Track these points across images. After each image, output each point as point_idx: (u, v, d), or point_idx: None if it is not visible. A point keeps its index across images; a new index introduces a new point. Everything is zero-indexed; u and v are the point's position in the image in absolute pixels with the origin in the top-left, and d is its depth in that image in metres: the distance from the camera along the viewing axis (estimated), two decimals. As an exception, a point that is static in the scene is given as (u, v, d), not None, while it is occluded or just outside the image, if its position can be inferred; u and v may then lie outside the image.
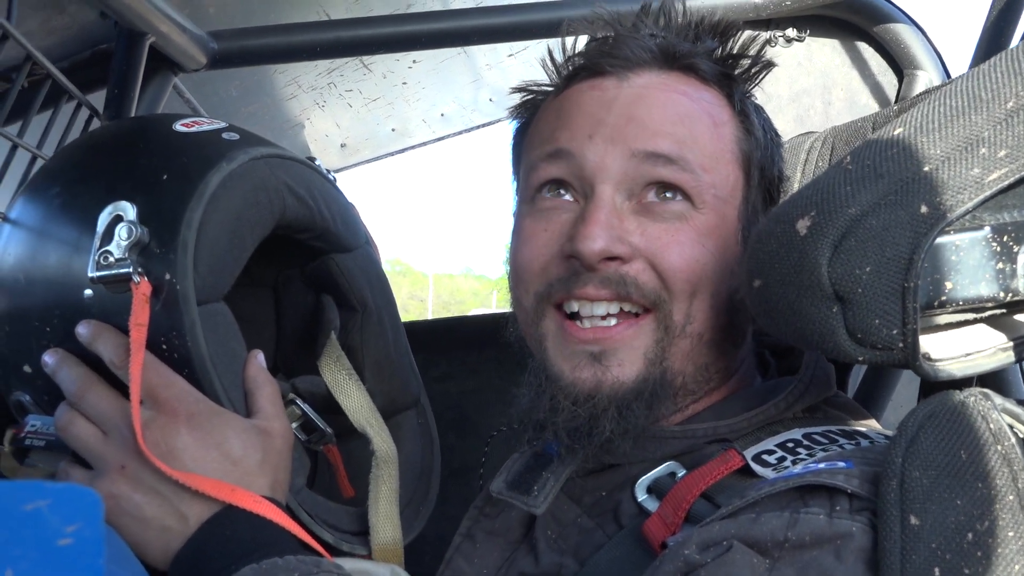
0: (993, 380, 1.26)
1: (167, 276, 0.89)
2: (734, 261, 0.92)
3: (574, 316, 0.92)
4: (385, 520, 1.08)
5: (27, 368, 0.95)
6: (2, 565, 0.41)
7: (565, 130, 0.93)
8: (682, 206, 0.90)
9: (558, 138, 0.93)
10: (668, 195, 0.90)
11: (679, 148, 0.89)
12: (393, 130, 2.45)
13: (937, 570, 0.64)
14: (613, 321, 0.90)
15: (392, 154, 2.57)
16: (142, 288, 0.88)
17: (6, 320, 0.97)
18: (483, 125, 2.52)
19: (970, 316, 0.76)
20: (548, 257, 0.92)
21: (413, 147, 2.56)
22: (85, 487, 0.42)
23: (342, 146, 2.46)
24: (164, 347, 0.91)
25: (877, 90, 1.70)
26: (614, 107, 0.91)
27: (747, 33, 1.01)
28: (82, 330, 0.90)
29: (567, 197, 0.93)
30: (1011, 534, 0.65)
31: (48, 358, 0.92)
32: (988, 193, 0.70)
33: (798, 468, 0.79)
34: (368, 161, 2.58)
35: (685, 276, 0.89)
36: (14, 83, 1.13)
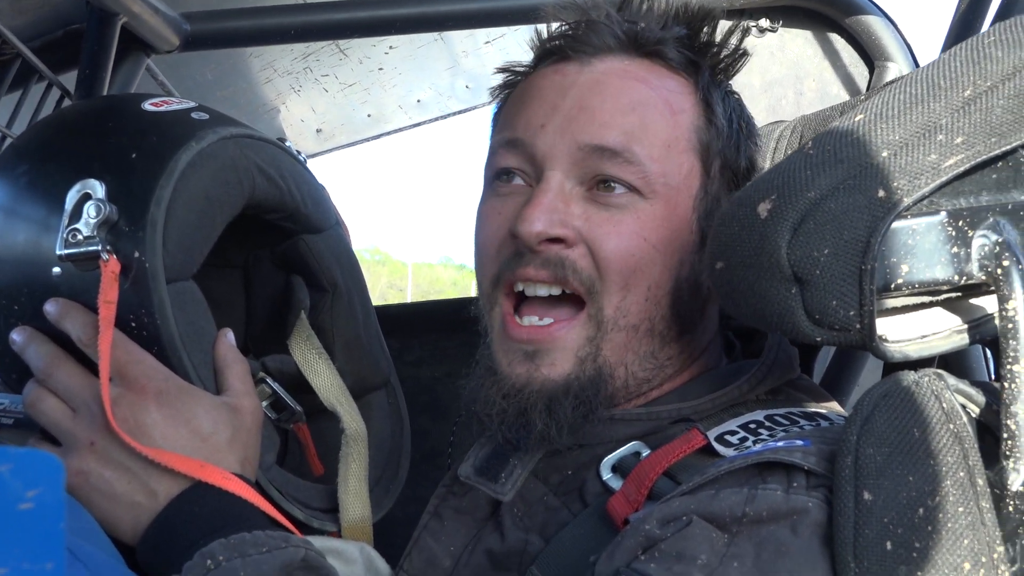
0: (956, 362, 1.28)
1: (136, 254, 0.89)
2: (685, 250, 0.93)
3: (519, 308, 0.95)
4: (355, 498, 1.08)
5: None
6: (-37, 528, 0.42)
7: (522, 117, 0.95)
8: (627, 197, 0.91)
9: (515, 125, 0.95)
10: (613, 187, 0.91)
11: (626, 140, 0.90)
12: (369, 116, 2.45)
13: (889, 543, 0.66)
14: (549, 320, 0.92)
15: (368, 139, 2.57)
16: (111, 266, 0.88)
17: None
18: (459, 112, 2.53)
19: (926, 299, 0.77)
20: (500, 240, 0.94)
21: (389, 133, 2.56)
22: (46, 452, 0.42)
23: (318, 131, 2.46)
24: (133, 324, 0.91)
25: (848, 81, 1.72)
26: (570, 93, 0.93)
27: (723, 23, 1.02)
28: (50, 308, 0.90)
29: (520, 182, 0.95)
30: (960, 509, 0.67)
31: (16, 336, 0.91)
32: (944, 179, 0.72)
33: (757, 447, 0.81)
34: (344, 147, 2.58)
35: (618, 267, 0.90)
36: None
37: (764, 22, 1.73)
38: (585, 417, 0.91)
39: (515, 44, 2.20)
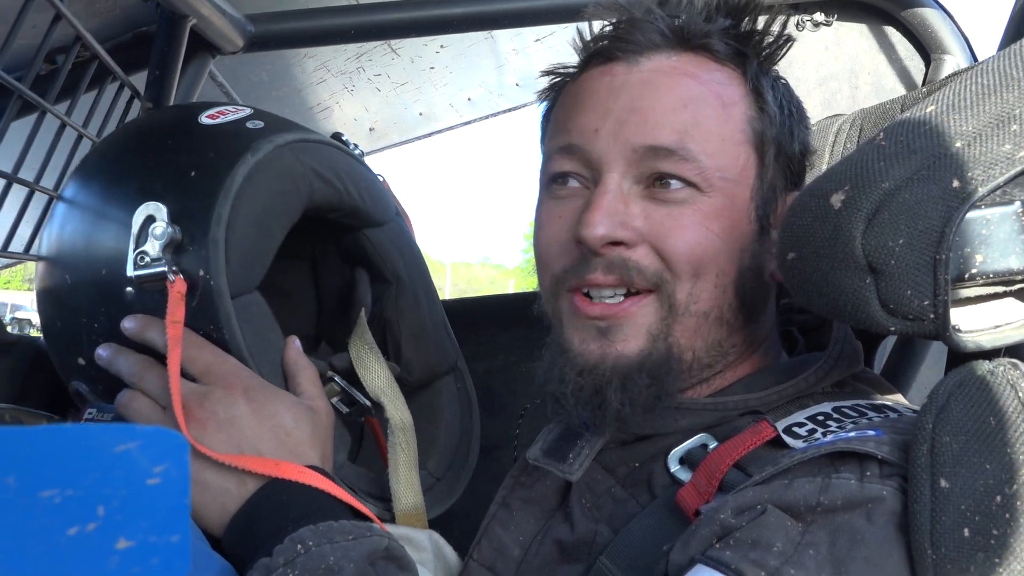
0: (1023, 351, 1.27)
1: (201, 272, 0.93)
2: (746, 239, 0.94)
3: (585, 294, 0.95)
4: (406, 486, 1.11)
5: (81, 360, 1.00)
6: (95, 502, 0.44)
7: (575, 122, 0.95)
8: (686, 192, 0.91)
9: (569, 130, 0.96)
10: (670, 183, 0.92)
11: (680, 138, 0.91)
12: (421, 114, 2.47)
13: (967, 531, 0.67)
14: (620, 299, 0.93)
15: (419, 138, 2.60)
16: (177, 286, 0.92)
17: (58, 317, 1.03)
18: (509, 110, 2.55)
19: (999, 289, 0.77)
20: (562, 243, 0.95)
21: (440, 131, 2.59)
22: (173, 430, 0.45)
23: (370, 130, 2.49)
24: (204, 338, 0.95)
25: (904, 74, 1.71)
26: (621, 95, 0.93)
27: (764, 10, 1.01)
28: (129, 324, 0.95)
29: (577, 185, 0.96)
30: (1038, 497, 0.67)
31: (102, 351, 0.97)
32: (1019, 169, 0.72)
33: (829, 437, 0.82)
34: (396, 145, 2.61)
35: (687, 259, 0.91)
36: (64, 64, 1.16)
37: (819, 16, 1.72)
38: (658, 397, 0.92)
39: (563, 43, 2.21)
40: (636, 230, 0.91)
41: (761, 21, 1.00)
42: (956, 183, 0.72)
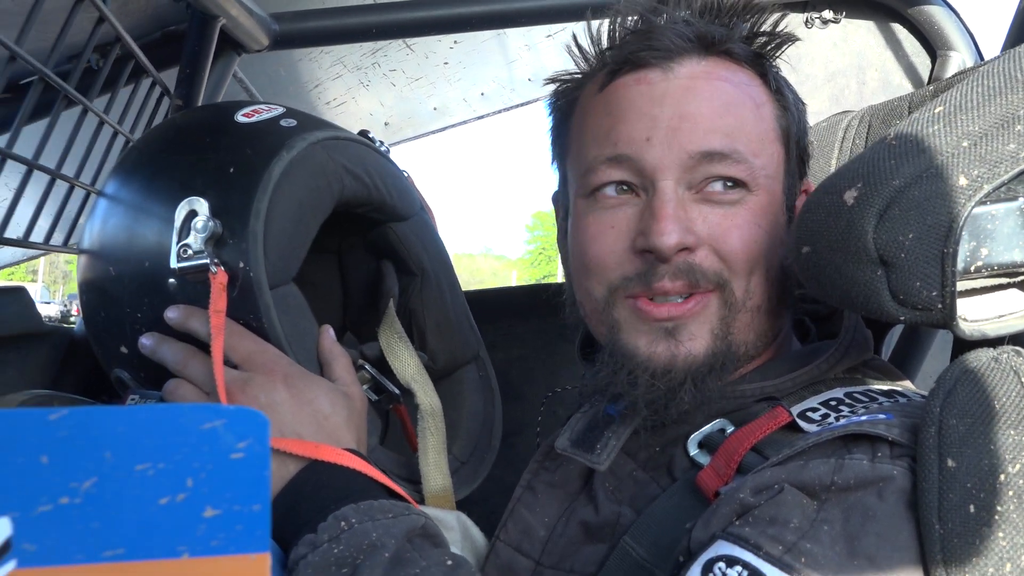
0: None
1: (241, 264, 0.97)
2: (782, 233, 0.97)
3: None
4: (435, 469, 1.15)
5: (123, 349, 1.05)
6: (185, 475, 0.49)
7: (621, 132, 0.96)
8: (737, 193, 0.94)
9: (615, 141, 0.96)
10: (727, 185, 0.94)
11: (730, 141, 0.93)
12: (435, 109, 2.51)
13: (972, 507, 0.71)
14: (682, 299, 0.95)
15: (433, 132, 2.64)
16: (219, 278, 0.96)
17: (101, 307, 1.07)
18: (521, 104, 2.58)
19: (1004, 280, 0.81)
20: (620, 252, 0.96)
21: (454, 125, 2.62)
22: (255, 409, 0.49)
23: (386, 124, 2.53)
24: (243, 327, 1.00)
25: (911, 70, 1.74)
26: (665, 103, 0.95)
27: (780, 12, 1.04)
28: (172, 314, 0.99)
29: (629, 194, 0.97)
30: (1039, 476, 0.71)
31: (146, 340, 1.01)
32: (1022, 167, 0.76)
33: (842, 421, 0.86)
34: (410, 139, 2.65)
35: (744, 257, 0.94)
36: (104, 64, 1.20)
37: (827, 13, 1.76)
38: (722, 391, 0.96)
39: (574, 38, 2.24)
40: (697, 234, 0.93)
41: (771, 20, 1.03)
42: (963, 180, 0.76)
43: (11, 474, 0.47)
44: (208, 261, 0.96)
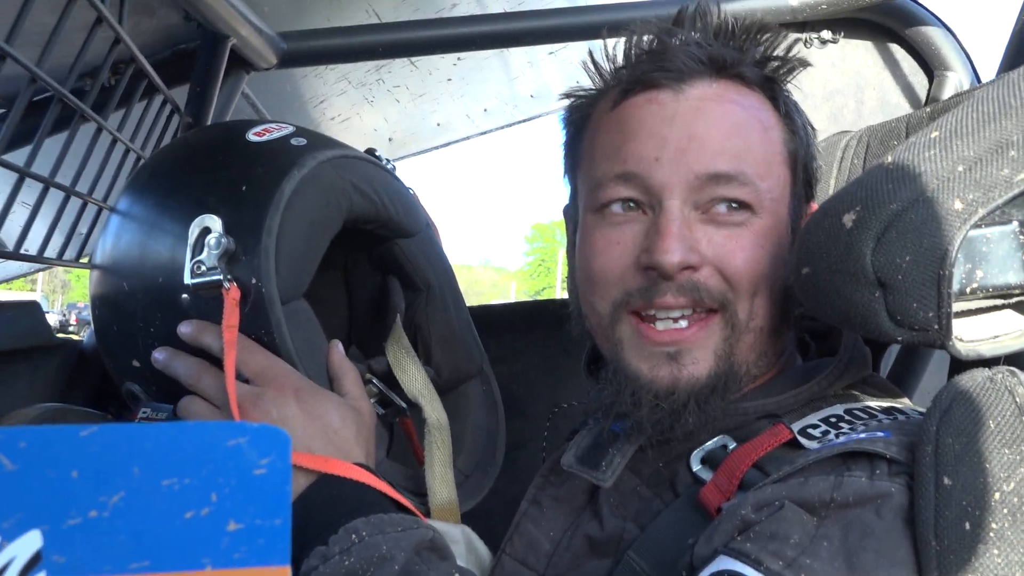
0: (1022, 360, 1.33)
1: (253, 280, 0.99)
2: (785, 254, 0.99)
3: (649, 319, 0.98)
4: (440, 482, 1.17)
5: (135, 362, 1.06)
6: (209, 490, 0.51)
7: (630, 150, 0.98)
8: (742, 215, 0.96)
9: (625, 158, 0.98)
10: (733, 206, 0.96)
11: (737, 163, 0.95)
12: (438, 124, 2.53)
13: (967, 524, 0.72)
14: (684, 323, 0.96)
15: (437, 148, 2.66)
16: (232, 293, 0.98)
17: (113, 321, 1.08)
18: (524, 120, 2.60)
19: (999, 302, 0.83)
20: (624, 268, 0.98)
21: (456, 141, 2.65)
22: (277, 427, 0.51)
23: (390, 140, 2.55)
24: (255, 342, 1.01)
25: (908, 90, 1.77)
26: (675, 123, 0.96)
27: (784, 35, 1.06)
28: (185, 329, 1.01)
29: (636, 211, 0.99)
30: (1033, 493, 0.73)
31: (159, 355, 1.03)
32: (1016, 191, 0.77)
33: (841, 439, 0.88)
34: (414, 154, 2.68)
35: (748, 278, 0.95)
36: (119, 83, 1.23)
37: (826, 34, 1.79)
38: (725, 411, 0.97)
39: (576, 56, 2.27)
40: (701, 253, 0.95)
41: (783, 44, 1.05)
42: (958, 204, 0.78)
43: (42, 488, 0.49)
44: (221, 277, 0.98)
